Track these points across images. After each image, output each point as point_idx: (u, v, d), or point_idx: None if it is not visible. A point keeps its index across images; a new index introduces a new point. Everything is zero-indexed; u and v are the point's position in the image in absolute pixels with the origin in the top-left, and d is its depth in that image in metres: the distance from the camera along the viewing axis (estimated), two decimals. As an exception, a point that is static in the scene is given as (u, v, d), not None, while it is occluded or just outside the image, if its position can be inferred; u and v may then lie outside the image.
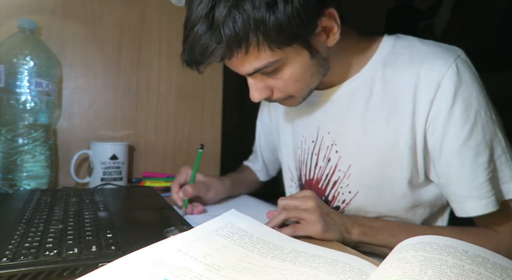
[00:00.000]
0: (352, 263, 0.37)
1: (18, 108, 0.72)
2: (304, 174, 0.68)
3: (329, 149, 0.62)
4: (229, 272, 0.34)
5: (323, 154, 0.63)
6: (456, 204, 0.55)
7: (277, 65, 0.51)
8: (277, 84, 0.54)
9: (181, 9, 1.01)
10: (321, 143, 0.64)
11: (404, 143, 0.55)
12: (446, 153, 0.53)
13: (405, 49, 0.57)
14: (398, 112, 0.55)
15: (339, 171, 0.61)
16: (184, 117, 1.04)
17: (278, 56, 0.49)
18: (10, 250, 0.37)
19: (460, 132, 0.51)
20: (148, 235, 0.46)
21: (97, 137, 0.91)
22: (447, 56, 0.53)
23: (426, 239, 0.31)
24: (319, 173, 0.64)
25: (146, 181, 0.88)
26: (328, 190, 0.63)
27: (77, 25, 0.88)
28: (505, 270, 0.27)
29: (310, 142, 0.66)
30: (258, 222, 0.49)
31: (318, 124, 0.65)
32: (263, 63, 0.50)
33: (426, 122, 0.53)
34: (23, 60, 0.72)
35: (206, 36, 0.47)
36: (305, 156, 0.67)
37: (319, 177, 0.64)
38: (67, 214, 0.53)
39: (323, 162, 0.63)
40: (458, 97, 0.51)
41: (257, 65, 0.50)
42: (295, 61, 0.51)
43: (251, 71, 0.51)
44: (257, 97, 0.55)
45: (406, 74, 0.54)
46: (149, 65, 0.98)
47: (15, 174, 0.72)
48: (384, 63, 0.58)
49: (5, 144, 0.72)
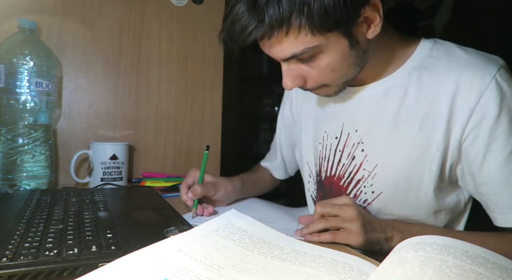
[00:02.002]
0: (352, 263, 0.37)
1: (18, 108, 0.72)
2: (324, 170, 0.67)
3: (355, 147, 0.62)
4: (229, 272, 0.34)
5: (347, 152, 0.62)
6: (498, 214, 0.55)
7: (314, 52, 0.50)
8: (311, 72, 0.53)
9: (181, 9, 1.01)
10: (346, 140, 0.63)
11: (436, 148, 0.54)
12: (491, 163, 0.52)
13: (443, 53, 0.56)
14: (432, 116, 0.54)
15: (363, 170, 0.60)
16: (184, 117, 1.03)
17: (318, 41, 0.48)
18: (10, 250, 0.37)
19: (507, 142, 0.51)
20: (148, 235, 0.46)
21: (97, 137, 0.91)
22: (490, 66, 0.52)
23: (426, 239, 0.31)
24: (342, 170, 0.63)
25: (146, 181, 0.88)
26: (350, 188, 0.62)
27: (77, 25, 0.88)
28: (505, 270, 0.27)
29: (333, 138, 0.65)
30: (258, 222, 0.49)
31: (343, 121, 0.64)
32: (301, 48, 0.49)
33: (464, 130, 0.52)
34: (23, 60, 0.72)
35: (248, 15, 0.46)
36: (326, 152, 0.66)
37: (341, 174, 0.63)
38: (67, 214, 0.53)
39: (347, 160, 0.62)
40: (504, 107, 0.51)
41: (294, 50, 0.49)
42: (334, 50, 0.50)
43: (288, 55, 0.51)
44: (289, 85, 0.55)
45: (443, 79, 0.54)
46: (149, 65, 0.98)
47: (15, 174, 0.72)
48: (421, 66, 0.57)
49: (5, 144, 0.72)
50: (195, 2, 1.02)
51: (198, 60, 1.04)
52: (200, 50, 1.04)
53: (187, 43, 1.02)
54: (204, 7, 1.03)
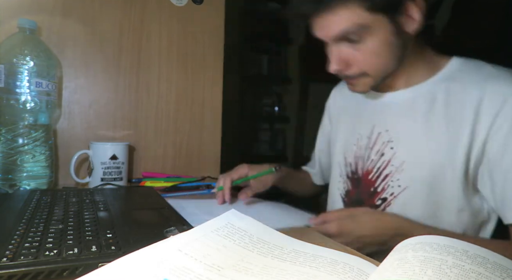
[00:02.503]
0: (352, 263, 0.37)
1: (18, 108, 0.72)
2: (361, 167, 0.71)
3: (384, 145, 0.66)
4: (229, 272, 0.34)
5: (376, 149, 0.67)
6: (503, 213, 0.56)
7: (363, 32, 0.55)
8: (357, 56, 0.58)
9: (181, 9, 1.01)
10: (376, 139, 0.68)
11: (461, 149, 0.57)
12: (507, 162, 0.55)
13: (474, 68, 0.61)
14: (459, 119, 0.58)
15: (392, 165, 0.64)
16: (184, 117, 1.04)
17: (368, 20, 0.54)
18: (10, 250, 0.37)
19: None
20: (148, 235, 0.46)
21: (97, 137, 0.91)
22: None
23: (426, 239, 0.31)
24: (371, 165, 0.68)
25: (146, 181, 0.88)
26: (378, 182, 0.66)
27: (77, 25, 0.88)
28: (505, 270, 0.27)
29: (365, 138, 0.70)
30: (258, 222, 0.49)
31: (374, 123, 0.69)
32: (352, 24, 0.54)
33: (488, 134, 0.56)
34: (23, 60, 0.72)
35: None
36: (361, 152, 0.71)
37: (370, 169, 0.68)
38: (67, 214, 0.53)
39: (376, 156, 0.67)
40: None
41: (346, 25, 0.54)
42: (380, 33, 0.56)
43: (340, 31, 0.55)
44: (334, 67, 0.60)
45: (471, 88, 0.58)
46: (149, 65, 0.98)
47: (15, 174, 0.72)
48: (450, 78, 0.61)
49: (5, 144, 0.72)
50: (195, 2, 1.02)
51: (198, 60, 1.04)
52: (200, 50, 1.04)
53: (187, 43, 1.02)
54: (204, 7, 1.03)
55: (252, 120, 2.45)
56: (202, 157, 1.06)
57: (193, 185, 0.89)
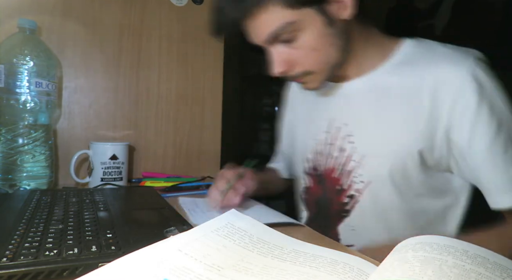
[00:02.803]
0: (352, 263, 0.37)
1: (18, 108, 0.72)
2: (322, 164, 0.69)
3: (345, 140, 0.64)
4: (229, 272, 0.34)
5: (338, 144, 0.65)
6: (489, 197, 0.56)
7: (293, 29, 0.53)
8: (296, 55, 0.56)
9: (181, 9, 1.01)
10: (337, 134, 0.65)
11: (420, 140, 0.56)
12: (477, 150, 0.54)
13: (425, 50, 0.59)
14: (415, 109, 0.57)
15: (353, 161, 0.63)
16: (184, 117, 1.04)
17: (294, 17, 0.52)
18: (10, 250, 0.37)
19: (488, 130, 0.53)
20: (148, 235, 0.46)
21: (97, 137, 0.91)
22: (466, 59, 0.54)
23: (426, 239, 0.31)
24: (334, 162, 0.66)
25: (146, 181, 0.88)
26: (343, 179, 0.64)
27: (77, 25, 0.88)
28: (505, 270, 0.27)
29: (325, 133, 0.68)
30: (258, 222, 0.49)
31: (333, 116, 0.66)
32: (278, 24, 0.52)
33: (450, 120, 0.55)
34: (23, 60, 0.72)
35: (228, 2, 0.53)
36: (321, 147, 0.69)
37: (333, 166, 0.66)
38: (67, 214, 0.53)
39: (338, 152, 0.65)
40: (483, 98, 0.53)
41: (273, 27, 0.53)
42: (312, 27, 0.54)
43: (268, 34, 0.54)
44: (277, 69, 0.57)
45: (424, 73, 0.56)
46: (149, 65, 0.98)
47: (15, 174, 0.72)
48: (403, 62, 0.59)
49: (5, 144, 0.72)
50: (195, 2, 1.02)
51: (198, 60, 1.04)
52: (200, 50, 1.04)
53: (187, 43, 1.02)
54: (204, 7, 1.03)
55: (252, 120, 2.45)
56: (202, 157, 1.06)
57: (193, 185, 0.89)
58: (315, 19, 0.53)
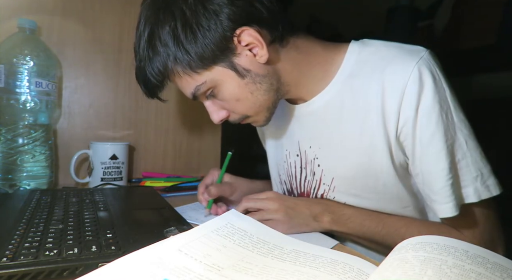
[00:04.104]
0: (352, 263, 0.37)
1: (18, 108, 0.72)
2: (295, 187, 0.68)
3: (313, 163, 0.63)
4: (229, 272, 0.34)
5: (309, 168, 0.64)
6: (428, 204, 0.56)
7: (210, 87, 0.54)
8: (226, 105, 0.57)
9: (181, 9, 1.00)
10: (306, 157, 0.65)
11: (380, 155, 0.55)
12: (416, 158, 0.53)
13: (370, 55, 0.57)
14: (369, 123, 0.55)
15: (323, 184, 0.62)
16: (184, 117, 1.04)
17: (203, 79, 0.53)
18: (10, 250, 0.37)
19: (423, 137, 0.52)
20: (148, 235, 0.46)
21: (97, 137, 0.91)
22: (409, 60, 0.52)
23: (426, 239, 0.31)
24: (308, 186, 0.66)
25: (146, 181, 0.88)
26: None
27: (77, 25, 0.88)
28: (505, 270, 0.27)
29: (295, 156, 0.67)
30: (258, 222, 0.49)
31: (298, 139, 0.65)
32: (193, 88, 0.54)
33: (397, 129, 0.53)
34: (23, 60, 0.72)
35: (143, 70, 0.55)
36: (292, 170, 0.68)
37: (308, 190, 0.66)
38: (67, 214, 0.53)
39: (310, 176, 0.65)
40: (421, 102, 0.51)
41: (190, 89, 0.55)
42: (225, 81, 0.54)
43: (190, 95, 0.56)
44: (215, 118, 0.59)
45: (371, 83, 0.54)
46: (149, 65, 0.97)
47: (15, 174, 0.72)
48: (351, 74, 0.57)
49: (5, 144, 0.72)
50: (195, 2, 1.02)
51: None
52: (200, 50, 1.04)
53: (187, 43, 1.01)
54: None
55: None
56: (202, 157, 1.06)
57: (193, 185, 0.89)
58: (227, 73, 0.53)
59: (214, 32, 0.49)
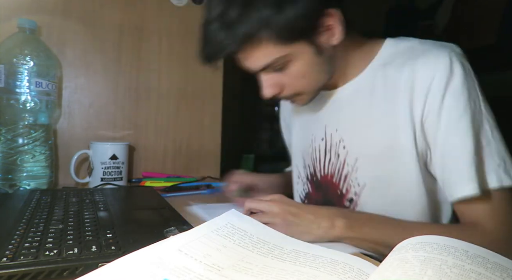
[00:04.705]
0: (352, 263, 0.37)
1: (18, 108, 0.72)
2: (318, 170, 0.70)
3: (338, 145, 0.66)
4: (229, 272, 0.34)
5: (334, 151, 0.67)
6: (447, 189, 0.56)
7: (284, 61, 0.55)
8: (286, 80, 0.58)
9: (181, 9, 1.01)
10: (331, 140, 0.67)
11: (404, 137, 0.57)
12: (439, 140, 0.54)
13: (405, 49, 0.60)
14: (397, 106, 0.57)
15: (347, 165, 0.64)
16: (184, 117, 1.04)
17: (285, 52, 0.54)
18: (10, 250, 0.37)
19: (450, 119, 0.53)
20: (148, 235, 0.46)
21: (97, 137, 0.91)
22: (442, 51, 0.55)
23: (426, 239, 0.31)
24: (332, 168, 0.67)
25: (146, 181, 0.88)
26: (341, 184, 0.66)
27: (77, 25, 0.88)
28: (505, 270, 0.27)
29: (320, 140, 0.69)
30: (258, 222, 0.49)
31: (325, 123, 0.68)
32: (271, 59, 0.54)
33: (423, 114, 0.55)
34: (23, 60, 0.72)
35: (221, 34, 0.52)
36: (317, 154, 0.70)
37: (332, 172, 0.67)
38: (67, 214, 0.53)
39: (335, 158, 0.66)
40: (449, 86, 0.53)
41: (266, 61, 0.55)
42: (301, 58, 0.55)
43: (261, 66, 0.56)
44: (268, 93, 0.59)
45: (404, 71, 0.57)
46: (149, 65, 0.98)
47: (15, 174, 0.72)
48: (385, 63, 0.60)
49: (5, 144, 0.72)
50: (195, 2, 1.02)
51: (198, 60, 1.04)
52: (200, 50, 1.04)
53: (187, 43, 1.02)
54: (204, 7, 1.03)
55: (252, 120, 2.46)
56: (202, 157, 1.06)
57: (193, 185, 0.89)
58: (306, 50, 0.55)
59: (310, 6, 0.52)
